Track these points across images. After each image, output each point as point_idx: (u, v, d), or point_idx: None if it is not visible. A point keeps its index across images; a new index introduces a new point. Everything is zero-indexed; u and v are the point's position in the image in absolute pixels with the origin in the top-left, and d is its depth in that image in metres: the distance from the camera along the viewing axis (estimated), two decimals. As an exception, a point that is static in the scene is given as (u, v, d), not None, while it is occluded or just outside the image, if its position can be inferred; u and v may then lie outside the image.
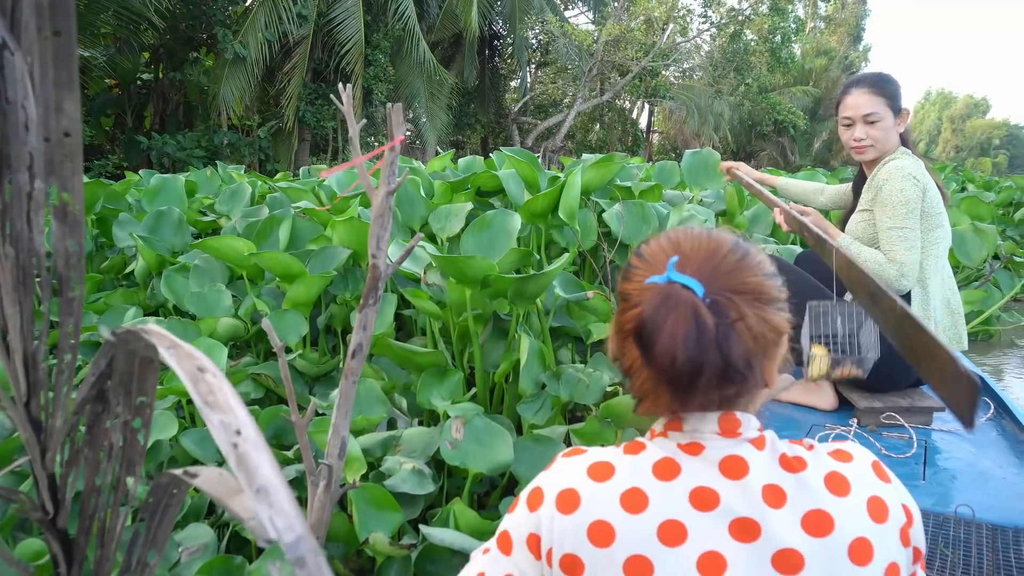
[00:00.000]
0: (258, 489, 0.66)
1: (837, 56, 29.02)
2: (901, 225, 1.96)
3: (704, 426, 0.73)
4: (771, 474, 0.71)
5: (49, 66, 0.67)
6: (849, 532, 0.68)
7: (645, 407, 0.75)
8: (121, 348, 0.81)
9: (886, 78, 2.14)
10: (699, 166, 3.94)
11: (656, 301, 0.69)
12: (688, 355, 0.67)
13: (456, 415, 1.83)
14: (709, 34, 21.42)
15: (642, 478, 0.72)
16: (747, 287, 0.72)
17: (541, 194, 2.90)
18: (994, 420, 2.11)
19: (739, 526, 0.68)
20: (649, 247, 0.78)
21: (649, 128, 25.67)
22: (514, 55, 18.60)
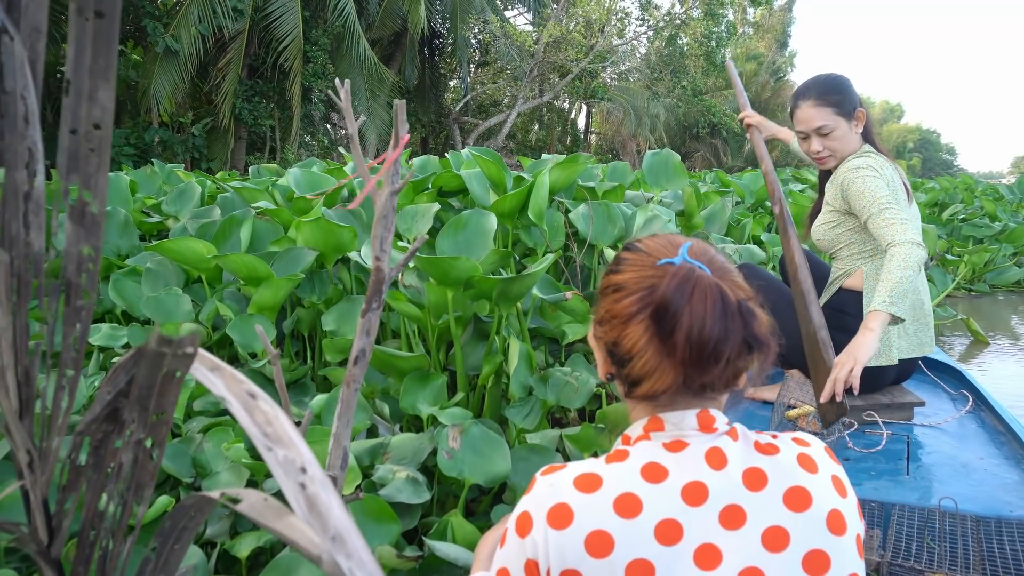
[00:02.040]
0: (333, 537, 0.60)
1: (765, 61, 30.02)
2: (888, 206, 1.85)
3: (685, 423, 0.76)
4: (749, 459, 0.75)
5: (86, 50, 0.60)
6: (824, 505, 0.73)
7: (647, 386, 0.75)
8: (147, 362, 0.73)
9: (831, 85, 2.06)
10: (659, 166, 3.98)
11: (677, 280, 0.72)
12: (714, 324, 0.70)
13: (453, 423, 1.78)
14: (646, 36, 21.84)
15: (632, 483, 0.73)
16: (739, 283, 0.78)
17: (510, 194, 2.87)
18: (973, 412, 2.16)
19: (727, 514, 0.72)
20: (644, 243, 0.82)
21: (587, 129, 25.98)
22: (455, 54, 18.51)
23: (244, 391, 0.63)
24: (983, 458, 1.84)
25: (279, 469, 0.55)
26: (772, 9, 31.26)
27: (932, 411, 2.14)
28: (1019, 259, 7.26)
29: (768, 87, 29.46)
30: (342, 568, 0.51)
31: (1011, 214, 8.26)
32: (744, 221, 4.85)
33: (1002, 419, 2.05)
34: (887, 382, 2.09)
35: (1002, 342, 5.11)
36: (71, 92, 0.62)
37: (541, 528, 0.72)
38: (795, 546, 0.71)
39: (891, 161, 2.05)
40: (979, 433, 2.02)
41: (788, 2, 32.41)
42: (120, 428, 0.88)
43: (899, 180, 2.02)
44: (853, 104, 2.05)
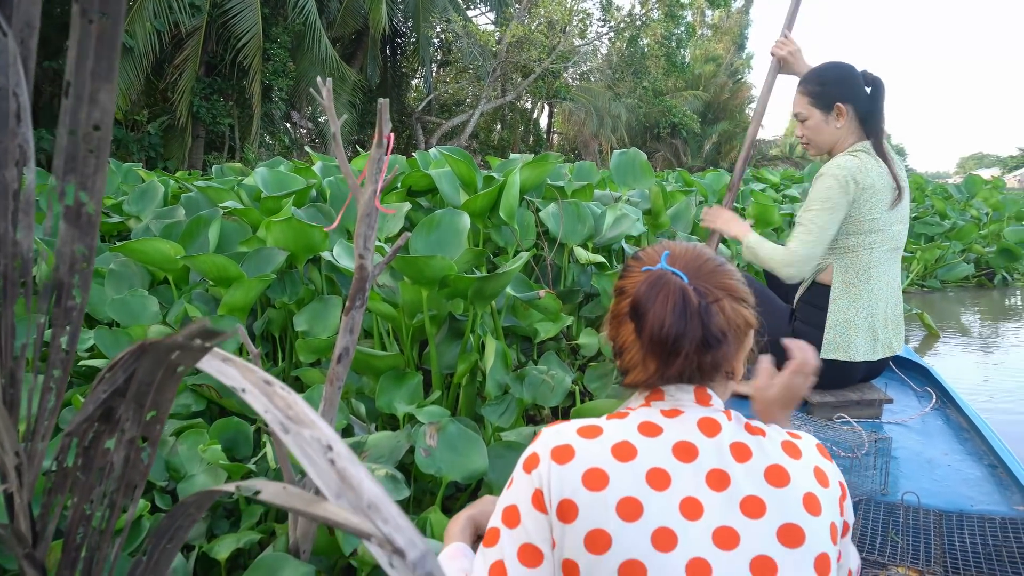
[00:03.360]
0: (369, 506, 0.61)
1: (724, 63, 30.52)
2: (809, 219, 2.01)
3: (683, 396, 0.85)
4: (738, 435, 0.83)
5: (89, 52, 0.60)
6: (802, 487, 0.80)
7: (634, 375, 0.87)
8: (151, 357, 0.73)
9: (816, 75, 2.12)
10: (626, 166, 4.04)
11: (650, 281, 0.84)
12: (674, 322, 0.80)
13: (430, 421, 1.79)
14: (607, 37, 22.03)
15: (630, 434, 0.82)
16: (724, 284, 0.87)
17: (481, 193, 2.88)
18: (939, 410, 2.22)
19: (713, 477, 0.79)
20: (645, 251, 0.93)
21: (549, 129, 26.09)
22: (417, 53, 18.42)
23: (259, 379, 0.64)
24: (947, 454, 1.90)
25: (307, 449, 0.56)
26: (730, 12, 31.83)
27: (899, 408, 2.21)
28: (967, 256, 7.53)
29: (727, 88, 29.95)
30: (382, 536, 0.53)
31: (959, 212, 8.56)
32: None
33: (966, 416, 2.11)
34: (856, 379, 2.14)
35: (952, 335, 5.30)
36: (71, 94, 0.62)
37: (546, 463, 0.81)
38: (771, 516, 0.77)
39: (885, 161, 2.04)
40: (944, 430, 2.08)
41: (745, 5, 33.01)
42: (112, 428, 0.87)
43: (881, 184, 2.01)
44: (833, 98, 2.07)
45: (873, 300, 2.05)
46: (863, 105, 2.07)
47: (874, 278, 2.06)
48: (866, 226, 2.03)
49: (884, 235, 2.05)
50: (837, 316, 2.06)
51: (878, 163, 2.04)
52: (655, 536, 0.75)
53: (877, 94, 2.09)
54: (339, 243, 2.47)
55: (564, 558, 0.78)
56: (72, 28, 0.59)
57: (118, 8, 0.58)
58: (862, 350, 2.05)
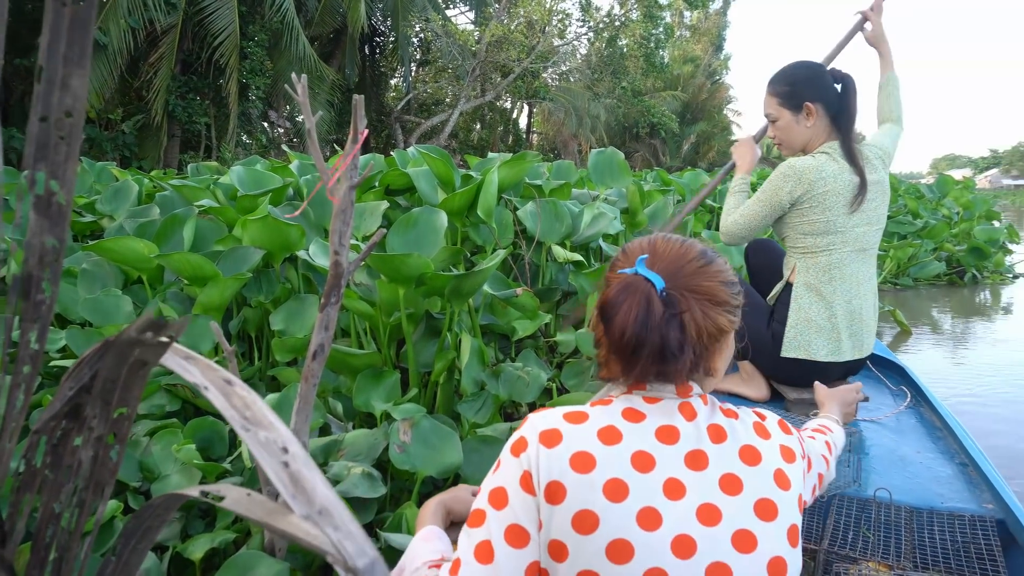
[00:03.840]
0: (320, 511, 0.61)
1: (702, 63, 30.76)
2: (750, 205, 2.10)
3: (664, 387, 0.88)
4: (714, 417, 0.88)
5: (61, 36, 0.59)
6: (773, 464, 0.86)
7: (604, 372, 0.91)
8: (114, 353, 0.72)
9: (784, 76, 2.11)
10: (604, 165, 4.06)
11: (620, 287, 0.86)
12: (635, 332, 0.83)
13: (404, 417, 1.79)
14: (587, 38, 22.10)
15: (614, 419, 0.85)
16: (702, 289, 0.87)
17: (459, 192, 2.88)
18: (912, 408, 2.24)
19: (692, 457, 0.83)
20: (631, 245, 0.94)
21: (529, 128, 26.12)
22: (396, 52, 18.34)
23: (220, 378, 0.64)
24: (919, 452, 1.91)
25: (261, 450, 0.56)
26: (708, 13, 32.07)
27: (874, 406, 2.23)
28: (939, 254, 7.66)
29: (705, 89, 30.19)
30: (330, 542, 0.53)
31: (931, 212, 8.71)
32: (686, 218, 4.99)
33: (939, 415, 2.13)
34: (834, 378, 2.14)
35: (924, 332, 5.39)
36: (43, 79, 0.62)
37: (534, 446, 0.83)
38: (747, 492, 0.82)
39: (853, 161, 2.01)
40: (917, 428, 2.10)
41: (723, 6, 33.29)
42: (81, 425, 0.86)
43: (838, 186, 1.98)
44: (803, 97, 2.06)
45: (835, 301, 2.04)
46: (833, 104, 2.06)
47: (836, 280, 2.04)
48: (821, 227, 2.02)
49: (845, 237, 2.02)
50: (798, 315, 2.07)
51: (840, 165, 2.01)
52: (640, 515, 0.79)
53: (847, 92, 2.07)
54: (315, 242, 2.46)
55: (551, 539, 0.80)
56: (45, 12, 0.59)
57: (91, -8, 0.58)
58: (824, 350, 2.04)
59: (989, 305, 6.67)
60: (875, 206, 2.06)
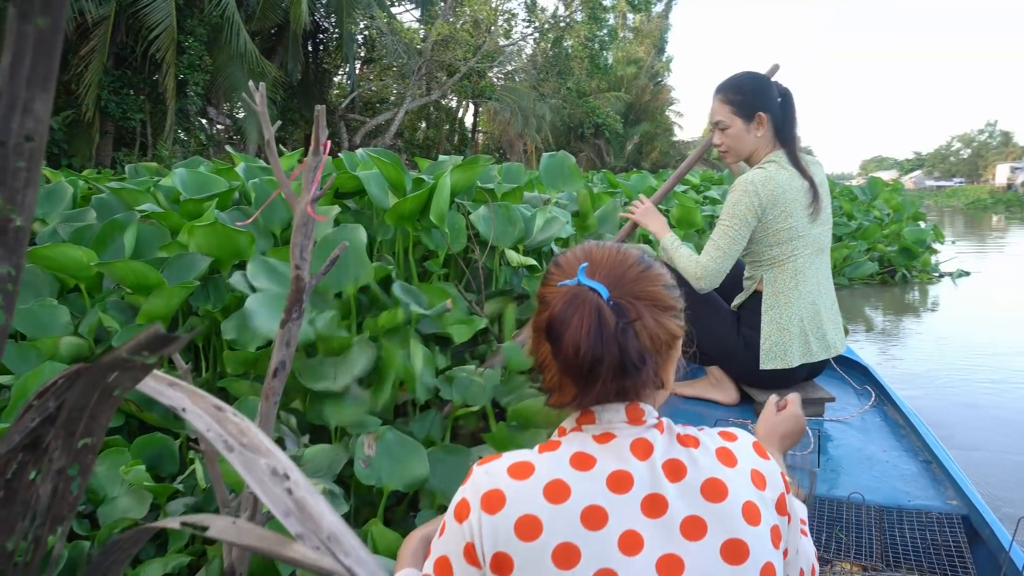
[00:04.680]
0: (328, 537, 0.60)
1: (645, 65, 31.26)
2: (719, 235, 2.06)
3: (615, 416, 0.81)
4: (671, 451, 0.79)
5: (25, 58, 0.56)
6: (741, 496, 0.77)
7: (555, 399, 0.83)
8: (87, 381, 0.69)
9: (736, 84, 2.15)
10: (555, 168, 4.07)
11: (565, 300, 0.78)
12: (590, 346, 0.75)
13: (368, 431, 1.76)
14: (532, 38, 22.20)
15: (562, 470, 0.77)
16: (647, 294, 0.81)
17: (411, 196, 2.85)
18: (877, 407, 2.31)
19: (649, 503, 0.76)
20: (565, 257, 0.87)
21: (475, 128, 26.08)
22: (340, 49, 18.05)
23: (210, 405, 0.62)
24: (885, 450, 1.97)
25: (263, 478, 0.54)
26: (650, 15, 32.62)
27: (840, 406, 2.28)
28: (872, 254, 7.98)
29: (648, 90, 30.70)
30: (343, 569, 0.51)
31: (864, 213, 9.06)
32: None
33: (902, 413, 2.20)
34: (799, 379, 2.21)
35: (859, 330, 5.61)
36: (3, 102, 0.58)
37: (476, 512, 0.76)
38: (712, 535, 0.74)
39: (796, 171, 2.07)
40: (882, 427, 2.16)
41: (665, 9, 33.89)
42: (39, 457, 0.82)
43: (794, 193, 2.04)
44: (755, 107, 2.10)
45: (804, 305, 2.10)
46: (777, 115, 2.12)
47: (802, 284, 2.10)
48: (785, 235, 2.07)
49: (806, 240, 2.09)
50: (771, 326, 2.11)
51: (790, 173, 2.08)
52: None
53: (788, 104, 2.14)
54: (255, 259, 2.39)
55: None
56: (8, 32, 0.55)
57: (59, 10, 0.55)
58: (798, 355, 2.10)
59: (918, 303, 6.98)
60: (824, 206, 2.13)
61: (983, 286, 7.87)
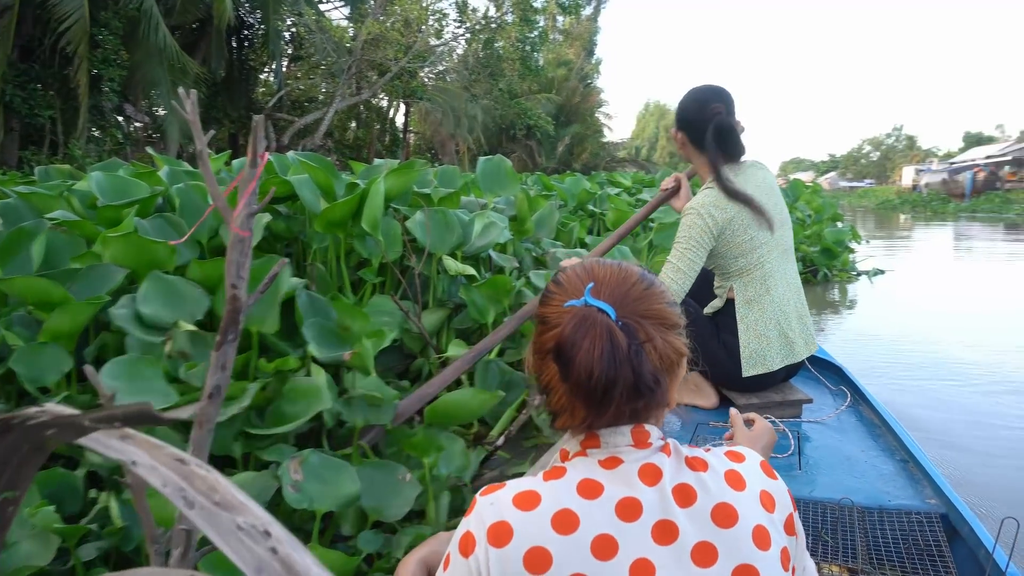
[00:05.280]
0: None
1: (575, 67, 31.61)
2: (677, 256, 2.07)
3: (620, 440, 0.79)
4: (680, 475, 0.78)
5: None
6: (750, 521, 0.76)
7: (562, 421, 0.81)
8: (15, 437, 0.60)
9: (680, 112, 2.18)
10: (492, 173, 4.05)
11: (575, 322, 0.77)
12: (604, 370, 0.74)
13: (291, 457, 1.69)
14: (464, 38, 22.12)
15: (569, 499, 0.75)
16: (653, 312, 0.80)
17: (340, 202, 2.76)
18: (852, 408, 2.34)
19: (660, 529, 0.74)
20: (566, 275, 0.85)
21: (406, 128, 25.80)
22: (267, 46, 17.52)
23: (170, 457, 0.55)
24: (863, 451, 1.99)
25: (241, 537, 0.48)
26: (580, 18, 33.01)
27: (817, 407, 2.31)
28: (796, 255, 8.26)
29: (578, 92, 31.04)
30: None
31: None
32: (571, 225, 5.07)
33: (877, 413, 2.24)
34: (778, 380, 2.24)
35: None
36: None
37: (483, 546, 0.74)
38: (723, 561, 0.73)
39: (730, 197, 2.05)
40: (858, 427, 2.18)
41: (594, 12, 34.36)
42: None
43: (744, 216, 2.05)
44: (693, 129, 2.14)
45: (777, 308, 2.13)
46: (709, 139, 2.12)
47: (772, 288, 2.13)
48: (748, 246, 2.09)
49: (770, 245, 2.11)
50: (748, 334, 2.13)
51: (725, 200, 2.08)
52: None
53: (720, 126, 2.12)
54: (151, 278, 2.27)
55: None
56: None
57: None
58: (779, 358, 2.13)
59: (839, 301, 7.28)
60: (779, 208, 2.17)
61: (898, 283, 8.27)
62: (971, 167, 41.31)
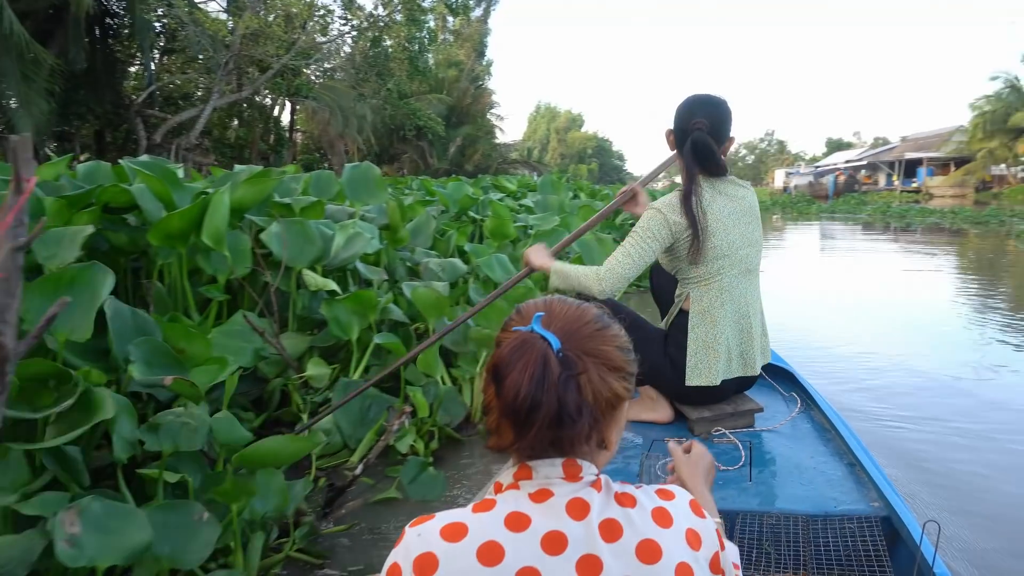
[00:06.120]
0: None
1: (466, 68, 31.61)
2: (629, 244, 2.08)
3: (552, 472, 0.81)
4: (608, 510, 0.80)
5: None
6: (674, 558, 0.78)
7: (494, 441, 0.84)
8: None
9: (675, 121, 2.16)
10: (359, 180, 3.89)
11: (515, 344, 0.80)
12: (530, 392, 0.76)
13: (67, 507, 1.49)
14: (350, 36, 21.59)
15: (496, 532, 0.77)
16: (598, 352, 0.83)
17: (176, 213, 2.53)
18: (804, 413, 2.35)
19: (584, 564, 0.76)
20: (526, 305, 0.89)
21: (292, 128, 24.90)
22: (134, 37, 16.38)
23: None
24: (812, 456, 2.00)
25: None
26: (470, 20, 33.04)
27: (769, 415, 2.30)
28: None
29: (469, 93, 31.06)
30: None
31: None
32: (449, 232, 4.98)
33: (827, 418, 2.25)
34: (729, 393, 2.23)
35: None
36: None
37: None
38: None
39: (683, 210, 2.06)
40: (809, 432, 2.20)
41: (484, 14, 34.49)
42: None
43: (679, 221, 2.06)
44: (676, 132, 2.15)
45: (729, 323, 2.13)
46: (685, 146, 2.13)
47: (727, 303, 2.12)
48: (710, 254, 2.08)
49: (731, 260, 2.10)
50: (696, 344, 2.13)
51: (715, 197, 2.10)
52: None
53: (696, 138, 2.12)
54: None
55: None
56: None
57: None
58: (722, 372, 2.13)
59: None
60: (751, 228, 2.16)
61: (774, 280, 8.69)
62: (833, 171, 44.66)
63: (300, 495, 2.18)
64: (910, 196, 34.45)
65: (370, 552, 2.24)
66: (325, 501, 2.44)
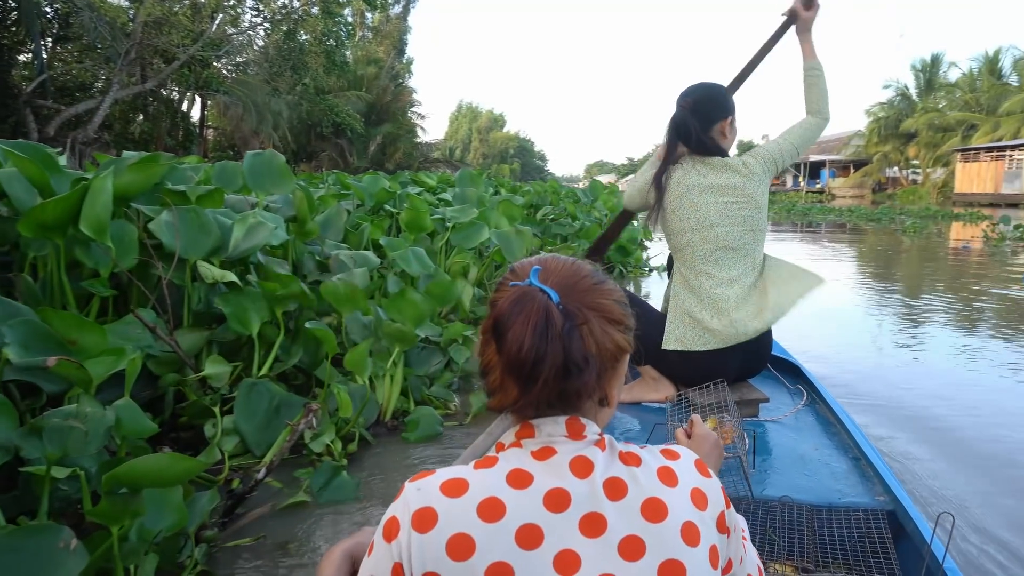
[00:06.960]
0: None
1: (385, 66, 31.13)
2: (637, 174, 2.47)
3: (555, 430, 0.80)
4: (612, 469, 0.78)
5: None
6: (680, 517, 0.77)
7: (497, 400, 0.81)
8: None
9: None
10: (261, 169, 3.66)
11: (514, 298, 0.78)
12: (534, 344, 0.74)
13: None
14: (263, 29, 20.84)
15: (498, 488, 0.75)
16: (597, 305, 0.80)
17: (50, 201, 2.27)
18: (809, 406, 2.33)
19: (587, 522, 0.74)
20: (520, 264, 0.86)
21: (203, 123, 23.86)
22: (21, 23, 15.26)
23: None
24: (817, 448, 1.99)
25: None
26: (389, 17, 32.56)
27: (774, 406, 2.30)
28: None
29: (389, 91, 30.62)
30: None
31: (586, 214, 9.76)
32: (363, 226, 4.79)
33: (833, 411, 2.24)
34: (731, 377, 2.23)
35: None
36: None
37: (406, 531, 0.74)
38: (651, 556, 0.74)
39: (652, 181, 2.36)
40: (814, 425, 2.18)
41: (403, 11, 34.06)
42: None
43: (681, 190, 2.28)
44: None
45: (705, 295, 2.21)
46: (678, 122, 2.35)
47: (702, 274, 2.22)
48: (679, 226, 2.26)
49: (704, 235, 2.22)
50: (675, 310, 2.24)
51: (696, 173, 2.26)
52: None
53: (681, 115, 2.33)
54: None
55: None
56: None
57: None
58: (698, 341, 2.19)
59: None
60: (735, 208, 2.22)
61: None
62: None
63: (206, 508, 1.98)
64: (815, 196, 36.27)
65: (278, 569, 2.05)
66: (223, 510, 2.24)
